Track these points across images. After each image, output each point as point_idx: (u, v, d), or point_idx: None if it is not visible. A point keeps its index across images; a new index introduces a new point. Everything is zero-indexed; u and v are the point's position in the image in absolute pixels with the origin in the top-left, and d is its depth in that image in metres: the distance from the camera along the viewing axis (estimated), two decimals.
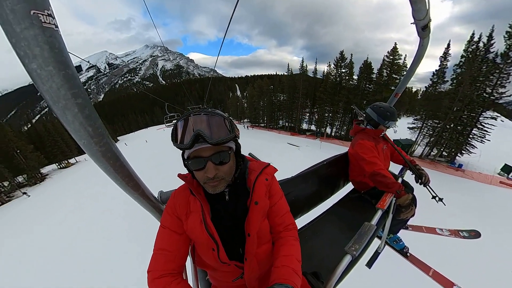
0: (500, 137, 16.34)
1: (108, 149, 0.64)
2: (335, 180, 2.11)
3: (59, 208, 15.62)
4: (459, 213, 9.11)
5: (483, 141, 16.40)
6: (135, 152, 29.57)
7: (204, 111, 0.67)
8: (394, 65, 21.62)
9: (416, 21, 1.41)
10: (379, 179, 1.64)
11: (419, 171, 1.92)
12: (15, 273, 9.50)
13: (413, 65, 1.97)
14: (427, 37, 1.66)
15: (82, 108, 0.53)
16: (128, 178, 0.76)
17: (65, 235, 11.42)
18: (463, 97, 16.07)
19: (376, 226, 1.15)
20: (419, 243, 2.68)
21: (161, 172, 11.85)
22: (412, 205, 1.63)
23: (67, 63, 0.47)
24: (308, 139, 27.18)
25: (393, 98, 2.25)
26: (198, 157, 0.68)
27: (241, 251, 0.79)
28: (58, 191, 20.93)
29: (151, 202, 0.93)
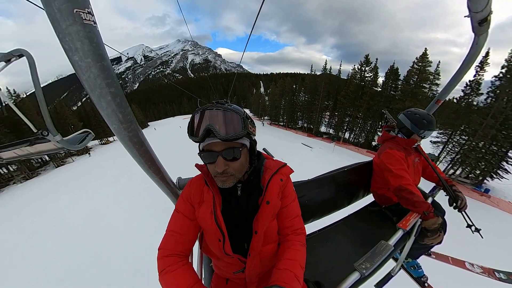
0: None
1: (135, 134, 0.71)
2: (354, 189, 1.97)
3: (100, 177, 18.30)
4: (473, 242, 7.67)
5: None
6: (162, 137, 32.23)
7: (218, 106, 0.67)
8: (422, 72, 19.60)
9: (472, 13, 1.16)
10: (405, 195, 1.47)
11: (455, 193, 1.66)
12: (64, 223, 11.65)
13: (463, 67, 1.65)
14: (485, 33, 1.36)
15: (114, 96, 0.58)
16: (151, 163, 0.83)
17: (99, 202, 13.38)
18: (497, 114, 13.99)
19: (393, 247, 1.05)
20: (441, 275, 2.37)
21: (182, 159, 12.70)
22: (440, 231, 1.43)
23: (103, 56, 0.52)
24: (323, 141, 26.97)
25: (434, 105, 1.95)
26: (210, 151, 0.70)
27: (246, 247, 0.80)
28: (100, 162, 24.98)
29: (169, 186, 1.01)
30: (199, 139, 0.68)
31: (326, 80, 30.03)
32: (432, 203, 1.70)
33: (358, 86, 24.53)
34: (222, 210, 0.79)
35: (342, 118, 27.90)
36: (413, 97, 19.84)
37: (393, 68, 22.43)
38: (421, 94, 19.77)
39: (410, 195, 1.44)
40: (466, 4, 1.12)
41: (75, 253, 8.86)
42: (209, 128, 0.65)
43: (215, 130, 0.64)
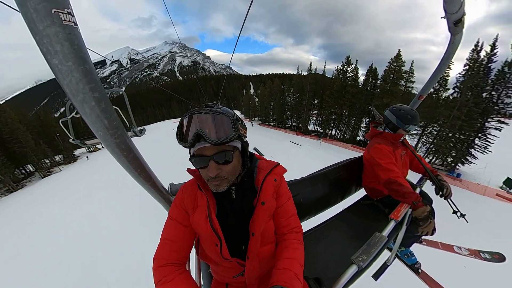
0: None
1: (123, 141, 0.68)
2: (347, 184, 2.02)
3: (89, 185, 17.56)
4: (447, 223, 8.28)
5: (485, 152, 15.87)
6: (152, 141, 31.65)
7: (206, 110, 0.66)
8: (397, 71, 21.59)
9: (448, 14, 1.26)
10: (395, 188, 1.53)
11: (440, 182, 1.76)
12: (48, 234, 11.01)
13: (441, 64, 1.78)
14: (460, 33, 1.48)
15: (98, 101, 0.56)
16: (140, 169, 0.80)
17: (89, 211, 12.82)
18: (462, 106, 15.77)
19: (387, 238, 1.09)
20: (433, 260, 2.49)
21: (173, 164, 12.47)
22: (430, 218, 1.50)
23: (85, 59, 0.50)
24: (311, 139, 28.24)
25: (417, 101, 2.07)
26: (201, 156, 0.69)
27: (244, 249, 0.79)
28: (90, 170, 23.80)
29: (161, 193, 0.97)
30: (189, 144, 0.66)
31: (312, 80, 31.30)
32: (420, 193, 1.78)
33: (341, 86, 26.13)
34: (217, 214, 0.77)
35: (328, 116, 29.29)
36: (390, 94, 21.49)
37: (372, 68, 24.29)
38: (397, 91, 21.62)
39: (399, 187, 1.50)
40: (442, 6, 1.20)
41: (63, 265, 8.45)
42: (199, 132, 0.63)
43: (205, 135, 0.63)
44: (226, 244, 0.75)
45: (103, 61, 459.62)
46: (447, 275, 2.52)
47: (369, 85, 24.60)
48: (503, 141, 15.94)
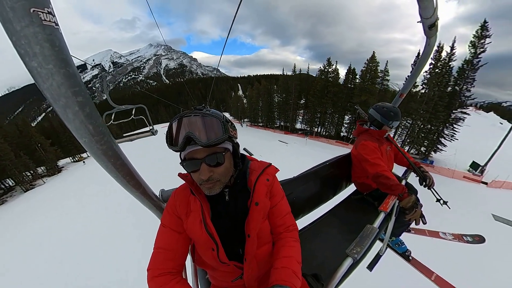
0: (494, 138, 16.85)
1: (109, 147, 0.65)
2: (337, 181, 2.08)
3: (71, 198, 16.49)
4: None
5: (453, 140, 18.34)
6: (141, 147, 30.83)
7: (195, 112, 0.66)
8: (373, 71, 23.60)
9: (423, 19, 1.37)
10: (382, 181, 1.60)
11: (423, 173, 1.88)
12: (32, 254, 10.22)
13: (419, 65, 1.93)
14: (434, 36, 1.61)
15: (82, 106, 0.53)
16: (129, 177, 0.77)
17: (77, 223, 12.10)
18: (429, 101, 17.95)
19: (378, 229, 1.13)
20: (422, 247, 2.63)
21: (164, 170, 12.08)
22: (416, 207, 1.59)
23: (67, 61, 0.47)
24: (298, 137, 29.46)
25: (398, 99, 2.21)
26: (192, 159, 0.68)
27: (241, 252, 0.79)
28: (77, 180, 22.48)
29: (152, 200, 0.94)
30: (179, 148, 0.65)
31: (297, 81, 32.59)
32: (406, 185, 1.88)
33: (323, 86, 27.72)
34: (212, 217, 0.76)
35: (313, 114, 30.65)
36: (368, 92, 23.31)
37: (350, 68, 26.30)
38: (373, 89, 23.72)
39: (386, 180, 1.58)
40: (418, 12, 1.30)
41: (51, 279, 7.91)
42: (189, 135, 0.63)
43: (196, 137, 0.62)
44: (223, 247, 0.74)
45: (83, 65, 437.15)
46: (436, 259, 2.68)
47: (349, 84, 26.41)
48: (471, 130, 17.57)
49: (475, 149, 18.14)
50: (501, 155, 15.90)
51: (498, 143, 15.45)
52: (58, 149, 32.80)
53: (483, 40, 15.68)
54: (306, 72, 37.61)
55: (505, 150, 15.56)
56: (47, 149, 30.58)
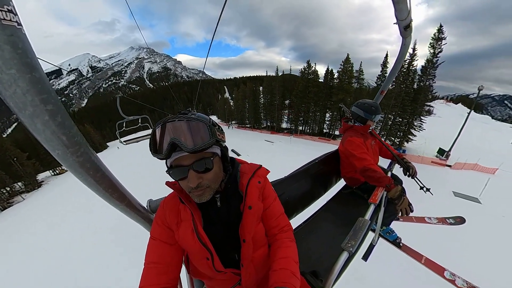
0: (459, 125, 18.85)
1: (87, 159, 0.59)
2: (327, 177, 2.13)
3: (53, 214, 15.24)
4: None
5: (421, 130, 21.17)
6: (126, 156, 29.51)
7: (180, 117, 0.63)
8: (347, 72, 25.95)
9: (399, 21, 1.46)
10: (369, 174, 1.67)
11: (406, 164, 1.98)
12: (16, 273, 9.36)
13: (396, 63, 2.06)
14: (409, 37, 1.71)
15: (53, 115, 0.48)
16: (112, 189, 0.71)
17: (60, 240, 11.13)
18: (397, 97, 20.28)
19: (370, 221, 1.16)
20: (410, 233, 2.78)
21: (151, 179, 11.63)
22: (403, 196, 1.67)
23: (33, 66, 0.42)
24: (283, 136, 30.72)
25: (379, 96, 2.33)
26: (179, 166, 0.65)
27: (237, 257, 0.77)
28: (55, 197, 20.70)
29: (140, 212, 0.88)
30: (164, 155, 0.62)
31: (280, 82, 33.96)
32: (392, 176, 1.97)
33: (304, 86, 29.47)
34: (204, 225, 0.74)
35: (297, 114, 32.12)
36: (344, 91, 25.52)
37: (328, 69, 28.64)
38: (349, 88, 25.55)
39: (373, 173, 1.65)
40: (394, 14, 1.39)
41: None
42: (174, 141, 0.59)
43: (181, 143, 0.59)
44: (218, 255, 0.72)
45: (58, 71, 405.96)
46: (424, 243, 2.86)
47: (328, 84, 28.57)
48: (442, 120, 19.38)
49: (445, 137, 20.28)
50: (464, 141, 17.99)
51: (458, 131, 17.55)
52: (36, 162, 30.63)
53: (440, 42, 18.32)
54: (289, 72, 39.82)
55: (466, 136, 17.50)
56: (24, 163, 28.44)
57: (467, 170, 14.25)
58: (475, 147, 21.48)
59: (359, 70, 26.38)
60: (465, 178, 12.59)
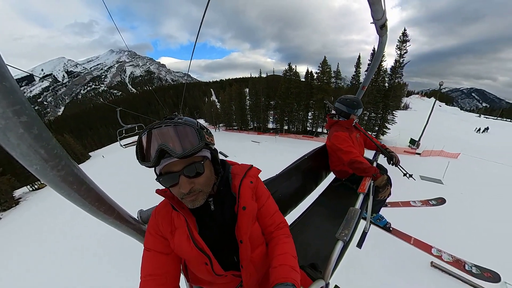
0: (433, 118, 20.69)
1: (69, 172, 0.56)
2: (317, 172, 2.19)
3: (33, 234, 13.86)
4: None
5: (393, 123, 23.37)
6: (113, 165, 28.20)
7: (166, 122, 0.61)
8: (325, 73, 27.80)
9: (375, 21, 1.56)
10: (356, 166, 1.75)
11: (390, 154, 2.10)
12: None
13: (375, 60, 2.20)
14: (385, 35, 1.83)
15: (28, 127, 0.45)
16: (99, 202, 0.68)
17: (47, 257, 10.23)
18: (368, 94, 22.05)
19: (360, 209, 1.22)
20: (398, 217, 2.96)
21: (140, 187, 11.12)
22: (387, 185, 1.78)
23: (3, 74, 0.39)
24: (269, 136, 31.92)
25: (361, 91, 2.46)
26: (169, 173, 0.63)
27: (236, 259, 0.77)
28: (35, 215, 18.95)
29: (131, 224, 0.85)
30: (153, 163, 0.60)
31: (264, 84, 35.12)
32: (377, 166, 2.09)
33: (286, 87, 30.82)
34: (199, 230, 0.73)
35: (281, 114, 33.49)
36: (323, 91, 26.88)
37: (308, 71, 30.53)
38: (327, 88, 27.29)
39: (360, 164, 1.73)
40: (370, 14, 1.48)
41: None
42: (162, 148, 0.58)
43: (169, 149, 0.57)
44: (216, 259, 0.71)
45: (30, 77, 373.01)
46: (411, 226, 3.08)
47: (309, 84, 30.24)
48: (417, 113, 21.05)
49: (418, 128, 21.75)
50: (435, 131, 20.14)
51: (425, 121, 19.44)
52: (11, 178, 28.42)
53: (405, 44, 20.58)
54: (272, 73, 41.21)
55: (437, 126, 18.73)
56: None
57: (434, 156, 15.64)
58: (443, 135, 23.53)
59: (336, 71, 28.37)
60: (432, 163, 13.68)
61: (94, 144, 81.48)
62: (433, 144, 17.71)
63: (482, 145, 20.14)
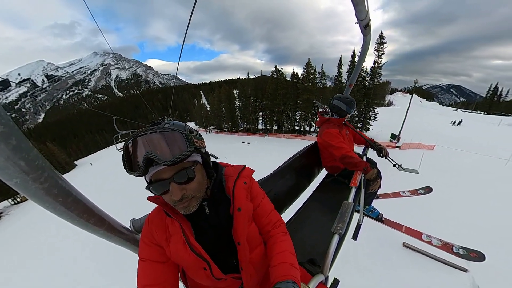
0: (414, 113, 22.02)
1: (53, 184, 0.53)
2: (310, 169, 2.23)
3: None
4: None
5: (375, 119, 24.86)
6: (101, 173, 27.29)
7: (152, 129, 0.59)
8: (309, 74, 28.74)
9: (359, 21, 1.63)
10: (348, 161, 1.81)
11: (378, 147, 2.18)
12: None
13: (360, 59, 2.29)
14: (369, 35, 1.92)
15: (6, 137, 0.42)
16: (88, 214, 0.65)
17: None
18: (350, 93, 23.41)
19: (353, 203, 1.26)
20: (389, 208, 3.09)
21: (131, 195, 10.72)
22: (378, 178, 1.86)
23: None
24: (259, 136, 33.04)
25: (348, 89, 2.56)
26: (159, 180, 0.61)
27: (235, 261, 0.77)
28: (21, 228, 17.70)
29: (123, 235, 0.82)
30: (141, 172, 0.58)
31: (252, 86, 35.97)
32: (367, 160, 2.16)
33: (274, 88, 31.92)
34: (195, 235, 0.72)
35: (270, 114, 34.61)
36: (309, 91, 27.96)
37: (294, 72, 31.31)
38: (312, 89, 28.36)
39: (351, 159, 1.79)
40: (355, 15, 1.55)
41: None
42: (149, 156, 0.55)
43: (157, 157, 0.55)
44: (215, 263, 0.71)
45: (4, 82, 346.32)
46: (401, 215, 3.24)
47: (295, 85, 31.47)
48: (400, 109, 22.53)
49: (400, 124, 22.99)
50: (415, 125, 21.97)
51: (404, 117, 21.03)
52: None
53: (382, 46, 22.06)
54: (260, 74, 42.24)
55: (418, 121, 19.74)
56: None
57: (412, 149, 16.74)
58: (422, 129, 25.08)
59: (321, 71, 29.71)
60: (410, 155, 14.41)
61: (79, 152, 77.61)
62: (412, 138, 18.81)
63: (456, 136, 21.59)
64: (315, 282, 0.84)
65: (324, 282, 0.93)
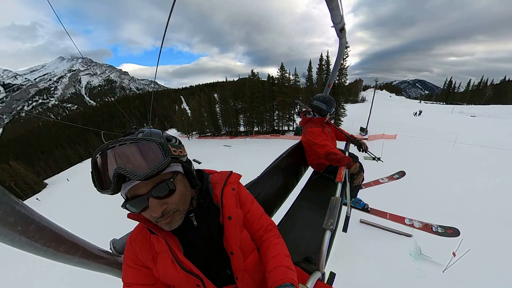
0: (383, 107, 23.98)
1: (8, 211, 0.44)
2: (297, 168, 2.28)
3: None
4: None
5: (345, 114, 27.10)
6: (74, 193, 25.03)
7: (121, 140, 0.53)
8: (283, 77, 30.62)
9: (335, 24, 1.71)
10: (332, 157, 1.88)
11: (359, 142, 2.31)
12: None
13: (336, 61, 2.42)
14: (344, 38, 2.02)
15: None
16: (56, 242, 0.55)
17: None
18: (318, 93, 27.03)
19: (340, 197, 1.30)
20: (372, 197, 3.29)
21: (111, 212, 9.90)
22: (361, 171, 1.97)
23: None
24: (240, 139, 34.20)
25: (327, 88, 2.68)
26: (135, 197, 0.55)
27: (229, 272, 0.74)
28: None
29: (103, 259, 0.72)
30: (112, 190, 0.52)
31: (231, 90, 36.69)
32: (349, 155, 2.27)
33: (251, 92, 33.22)
34: (184, 251, 0.68)
35: (250, 116, 35.74)
36: (283, 93, 29.80)
37: (269, 76, 33.04)
38: (287, 91, 30.06)
39: (335, 155, 1.86)
40: (331, 19, 1.62)
41: None
42: (119, 172, 0.49)
43: (129, 172, 0.50)
44: (208, 277, 0.67)
45: None
46: (385, 203, 3.52)
47: (270, 88, 33.01)
48: (369, 105, 25.27)
49: (362, 119, 25.65)
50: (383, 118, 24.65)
51: (369, 110, 23.18)
52: None
53: (346, 49, 25.86)
54: (238, 77, 43.01)
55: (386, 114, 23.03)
56: None
57: (378, 139, 18.59)
58: (388, 121, 28.00)
59: (294, 73, 31.64)
60: (376, 145, 16.03)
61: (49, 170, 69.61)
62: (377, 130, 20.83)
63: (416, 125, 24.32)
64: (313, 281, 0.84)
65: (321, 279, 0.94)
